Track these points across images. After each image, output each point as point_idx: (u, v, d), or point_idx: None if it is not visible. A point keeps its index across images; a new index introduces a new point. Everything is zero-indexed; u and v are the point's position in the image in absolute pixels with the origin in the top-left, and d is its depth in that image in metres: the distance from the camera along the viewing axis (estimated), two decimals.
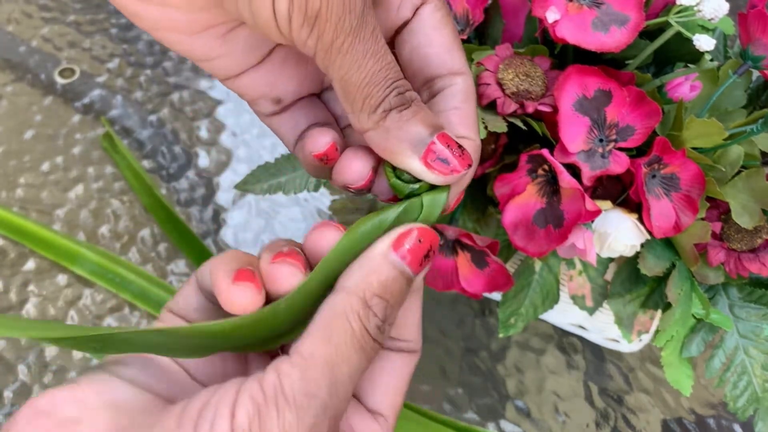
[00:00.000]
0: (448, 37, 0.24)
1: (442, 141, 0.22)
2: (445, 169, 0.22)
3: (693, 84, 0.35)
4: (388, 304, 0.21)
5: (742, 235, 0.34)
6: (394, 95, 0.21)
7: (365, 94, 0.21)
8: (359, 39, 0.20)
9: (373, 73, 0.21)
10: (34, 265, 0.54)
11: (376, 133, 0.22)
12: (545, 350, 0.52)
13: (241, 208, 0.59)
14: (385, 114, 0.21)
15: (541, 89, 0.33)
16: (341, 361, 0.19)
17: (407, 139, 0.22)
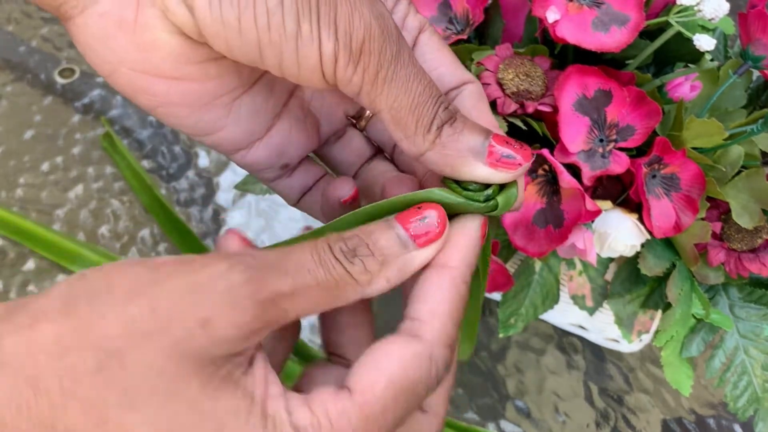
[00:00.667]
0: (450, 54, 0.25)
1: (499, 141, 0.22)
2: (513, 164, 0.22)
3: (693, 84, 0.35)
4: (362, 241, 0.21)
5: (742, 235, 0.34)
6: (443, 110, 0.21)
7: (417, 117, 0.21)
8: (401, 65, 0.20)
9: (419, 94, 0.21)
10: (33, 265, 0.54)
11: (433, 152, 0.22)
12: (545, 350, 0.52)
13: (241, 208, 0.59)
14: (439, 131, 0.21)
15: (541, 89, 0.33)
16: None
17: (467, 149, 0.22)
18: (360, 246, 0.20)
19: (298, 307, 0.19)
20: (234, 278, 0.18)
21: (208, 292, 0.18)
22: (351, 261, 0.20)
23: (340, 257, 0.20)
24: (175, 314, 0.18)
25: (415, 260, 0.21)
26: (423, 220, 0.21)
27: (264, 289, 0.18)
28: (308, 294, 0.19)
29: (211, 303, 0.18)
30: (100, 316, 0.18)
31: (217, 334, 0.18)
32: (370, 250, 0.20)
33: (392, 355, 0.20)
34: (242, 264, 0.19)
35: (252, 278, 0.18)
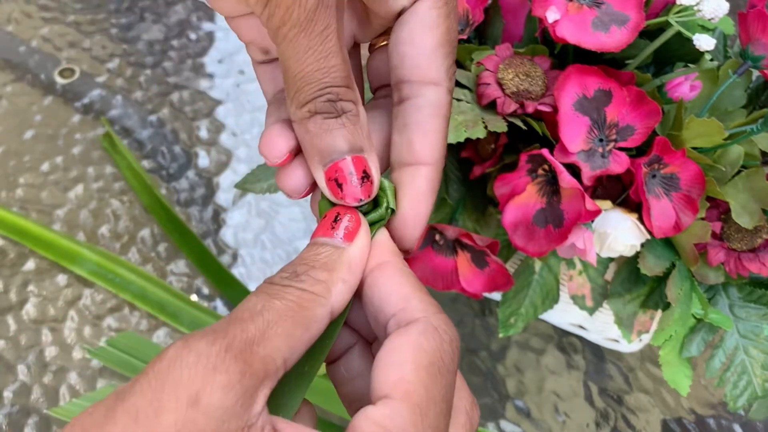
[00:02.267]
0: (434, 40, 0.22)
1: (354, 164, 0.22)
2: (337, 194, 0.22)
3: (693, 84, 0.35)
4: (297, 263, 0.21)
5: (742, 234, 0.34)
6: (324, 100, 0.21)
7: (296, 88, 0.21)
8: (305, 33, 0.20)
9: (309, 72, 0.20)
10: (33, 265, 0.54)
11: (297, 126, 0.22)
12: (545, 350, 0.52)
13: (241, 208, 0.59)
14: (309, 115, 0.21)
15: (541, 89, 0.33)
16: None
17: (320, 148, 0.21)
18: (297, 267, 0.20)
19: (277, 347, 0.18)
20: (198, 347, 0.17)
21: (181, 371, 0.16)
22: (298, 279, 0.20)
23: (286, 282, 0.20)
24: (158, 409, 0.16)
25: (355, 253, 0.21)
26: (335, 221, 0.22)
27: (233, 342, 0.17)
28: (277, 328, 0.18)
29: (188, 378, 0.16)
30: None
31: (212, 405, 0.16)
32: (310, 265, 0.20)
33: (401, 346, 0.19)
34: (196, 334, 0.17)
35: (215, 338, 0.17)
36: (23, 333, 0.51)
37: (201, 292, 0.54)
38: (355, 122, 0.22)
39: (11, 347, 0.50)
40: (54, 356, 0.50)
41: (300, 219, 0.58)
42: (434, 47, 0.22)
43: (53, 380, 0.49)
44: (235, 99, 0.66)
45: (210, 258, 0.55)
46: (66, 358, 0.50)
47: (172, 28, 0.72)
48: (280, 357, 0.18)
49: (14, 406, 0.47)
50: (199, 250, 0.55)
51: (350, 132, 0.22)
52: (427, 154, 0.23)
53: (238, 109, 0.66)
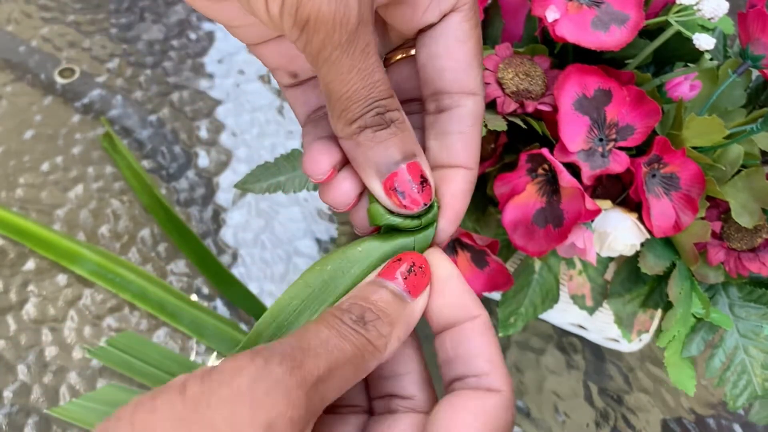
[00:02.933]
0: (469, 52, 0.23)
1: (410, 171, 0.22)
2: (399, 203, 0.22)
3: (693, 83, 0.35)
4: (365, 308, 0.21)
5: (742, 234, 0.34)
6: (372, 115, 0.21)
7: (343, 107, 0.21)
8: (347, 54, 0.20)
9: (355, 90, 0.20)
10: (33, 265, 0.54)
11: (348, 143, 0.22)
12: (545, 350, 0.52)
13: (240, 208, 0.59)
14: (359, 130, 0.21)
15: (541, 88, 0.33)
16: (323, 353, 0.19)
17: (375, 160, 0.22)
18: (366, 312, 0.20)
19: (334, 389, 0.19)
20: (277, 372, 0.17)
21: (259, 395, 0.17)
22: (366, 328, 0.20)
23: (356, 327, 0.20)
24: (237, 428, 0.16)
25: (415, 311, 0.22)
26: (410, 271, 0.22)
27: (308, 376, 0.18)
28: (341, 371, 0.19)
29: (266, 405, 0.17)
30: None
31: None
32: (376, 314, 0.21)
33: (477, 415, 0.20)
34: (275, 355, 0.18)
35: (292, 367, 0.18)
36: (23, 333, 0.51)
37: (201, 292, 0.54)
38: (404, 129, 0.22)
39: (11, 347, 0.50)
40: (54, 356, 0.50)
41: (300, 219, 0.58)
42: (470, 59, 0.23)
43: (53, 380, 0.49)
44: (234, 99, 0.66)
45: (210, 258, 0.55)
46: (66, 358, 0.50)
47: (172, 28, 0.72)
48: (332, 396, 0.19)
49: (14, 406, 0.47)
50: (199, 250, 0.55)
51: (401, 140, 0.22)
52: (469, 159, 0.24)
53: (238, 109, 0.66)
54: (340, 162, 0.23)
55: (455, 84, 0.23)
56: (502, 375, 0.21)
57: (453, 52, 0.23)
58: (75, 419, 0.46)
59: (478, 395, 0.20)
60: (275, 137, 0.64)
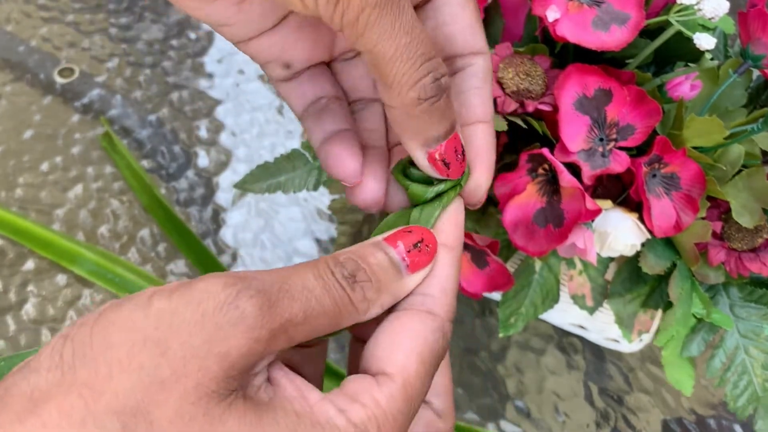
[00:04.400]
0: (471, 15, 0.24)
1: (452, 143, 0.22)
2: (443, 171, 0.23)
3: (693, 83, 0.35)
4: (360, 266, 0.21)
5: (742, 234, 0.34)
6: (431, 81, 0.21)
7: (397, 70, 0.20)
8: (386, 11, 0.19)
9: (404, 46, 0.20)
10: (33, 265, 0.54)
11: (399, 113, 0.21)
12: (545, 350, 0.51)
13: (240, 208, 0.59)
14: (418, 102, 0.21)
15: (542, 88, 0.33)
16: None
17: (425, 133, 0.22)
18: (359, 271, 0.20)
19: (303, 333, 0.19)
20: (245, 306, 0.17)
21: (221, 324, 0.17)
22: (353, 288, 0.20)
23: (344, 283, 0.20)
24: (189, 353, 0.16)
25: (406, 286, 0.22)
26: (417, 246, 0.22)
27: (277, 318, 0.18)
28: (315, 321, 0.19)
29: (225, 336, 0.17)
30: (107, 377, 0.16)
31: (235, 367, 0.17)
32: (368, 276, 0.21)
33: (416, 333, 0.20)
34: (250, 289, 0.18)
35: (263, 305, 0.18)
36: (23, 333, 0.51)
37: None
38: (450, 99, 0.22)
39: (11, 347, 0.50)
40: None
41: (299, 219, 0.58)
42: (473, 22, 0.24)
43: None
44: (234, 99, 0.66)
45: (210, 258, 0.55)
46: None
47: (172, 28, 0.72)
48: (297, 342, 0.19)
49: None
50: (198, 250, 0.55)
51: (448, 110, 0.22)
52: (486, 113, 0.24)
53: (238, 108, 0.65)
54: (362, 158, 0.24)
55: (465, 46, 0.24)
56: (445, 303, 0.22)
57: (458, 17, 0.24)
58: None
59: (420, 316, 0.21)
60: (275, 137, 0.64)
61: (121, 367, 0.16)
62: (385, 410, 0.19)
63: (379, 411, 0.19)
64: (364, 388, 0.19)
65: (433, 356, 0.20)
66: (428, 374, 0.20)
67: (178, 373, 0.16)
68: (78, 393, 0.16)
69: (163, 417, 0.16)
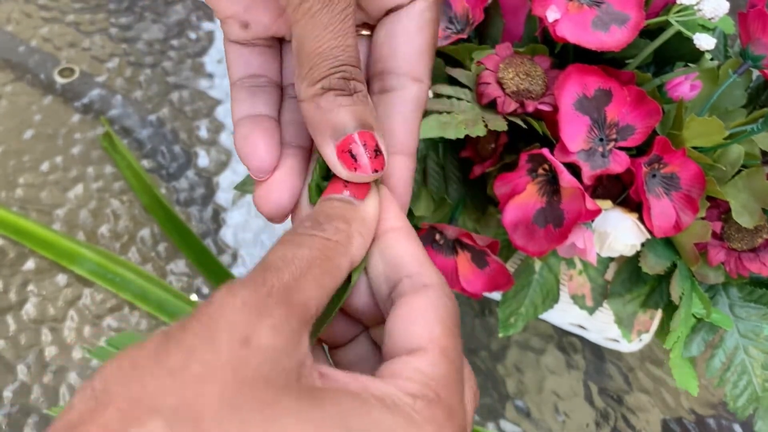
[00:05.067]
0: (425, 41, 0.24)
1: (362, 138, 0.22)
2: (352, 165, 0.22)
3: (693, 83, 0.35)
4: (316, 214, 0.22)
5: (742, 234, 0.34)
6: (338, 77, 0.21)
7: (312, 64, 0.21)
8: (328, 9, 0.20)
9: (326, 49, 0.21)
10: (33, 265, 0.54)
11: (308, 105, 0.22)
12: (545, 350, 0.52)
13: (240, 208, 0.59)
14: (323, 91, 0.21)
15: (542, 88, 0.33)
16: None
17: (333, 123, 0.22)
18: (318, 216, 0.21)
19: (311, 294, 0.19)
20: (240, 293, 0.18)
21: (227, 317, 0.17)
22: (321, 228, 0.21)
23: (311, 231, 0.21)
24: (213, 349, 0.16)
25: (368, 210, 0.22)
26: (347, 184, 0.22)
27: (272, 289, 0.18)
28: (309, 275, 0.19)
29: (237, 322, 0.17)
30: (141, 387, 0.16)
31: (264, 346, 0.17)
32: (330, 216, 0.21)
33: (426, 306, 0.21)
34: (236, 283, 0.18)
35: (255, 285, 0.18)
36: (23, 333, 0.51)
37: (201, 292, 0.54)
38: (365, 103, 0.22)
39: (11, 347, 0.50)
40: (54, 356, 0.50)
41: None
42: (425, 47, 0.24)
43: (53, 380, 0.49)
44: None
45: (210, 258, 0.55)
46: (66, 358, 0.50)
47: (172, 28, 0.72)
48: (314, 304, 0.19)
49: (14, 406, 0.47)
50: (198, 250, 0.55)
51: (362, 110, 0.22)
52: (408, 145, 0.24)
53: None
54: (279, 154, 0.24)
55: (404, 65, 0.24)
56: (431, 270, 0.22)
57: (410, 35, 0.24)
58: None
59: (417, 293, 0.21)
60: None
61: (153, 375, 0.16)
62: (434, 377, 0.19)
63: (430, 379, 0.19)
64: (404, 367, 0.19)
65: (450, 318, 0.21)
66: (455, 335, 0.21)
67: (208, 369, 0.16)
68: (115, 407, 0.16)
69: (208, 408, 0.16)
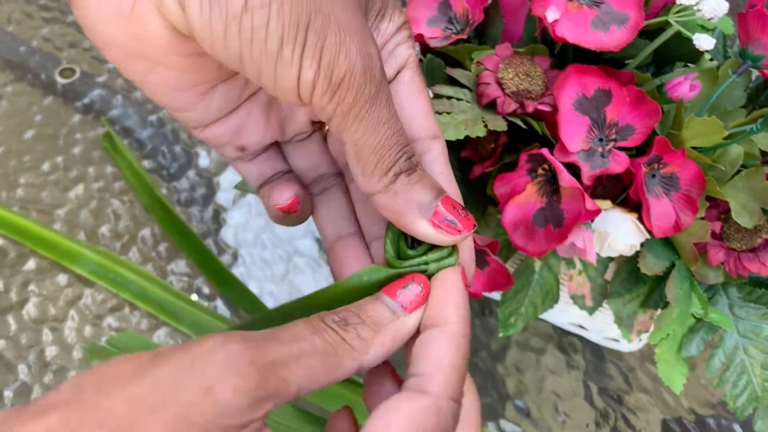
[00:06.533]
0: (426, 102, 0.25)
1: (447, 204, 0.23)
2: (453, 230, 0.23)
3: (692, 83, 0.35)
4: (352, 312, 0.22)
5: (741, 234, 0.35)
6: (404, 159, 0.22)
7: (378, 158, 0.22)
8: (376, 106, 0.21)
9: (386, 138, 0.21)
10: (34, 265, 0.54)
11: (385, 196, 0.22)
12: (545, 350, 0.52)
13: (241, 208, 0.59)
14: (395, 177, 0.22)
15: (541, 88, 0.34)
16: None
17: (416, 202, 0.22)
18: (351, 317, 0.22)
19: (298, 376, 0.20)
20: (231, 347, 0.19)
21: (208, 362, 0.18)
22: (344, 329, 0.21)
23: (334, 326, 0.21)
24: (177, 385, 0.18)
25: (406, 324, 0.22)
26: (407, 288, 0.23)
27: (262, 356, 0.19)
28: (305, 361, 0.20)
29: (211, 371, 0.18)
30: (106, 397, 0.18)
31: (221, 401, 0.18)
32: (362, 319, 0.22)
33: (402, 412, 0.20)
34: (237, 335, 0.19)
35: (249, 347, 0.19)
36: (24, 333, 0.51)
37: (201, 292, 0.54)
38: (425, 170, 0.23)
39: (12, 347, 0.50)
40: (54, 356, 0.50)
41: None
42: (428, 109, 0.25)
43: (53, 380, 0.49)
44: None
45: (210, 258, 0.55)
46: (66, 357, 0.50)
47: None
48: (295, 384, 0.20)
49: (15, 406, 0.47)
50: (199, 250, 0.55)
51: (430, 179, 0.23)
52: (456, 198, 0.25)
53: None
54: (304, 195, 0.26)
55: (422, 129, 0.25)
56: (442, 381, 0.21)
57: (415, 102, 0.25)
58: None
59: (410, 396, 0.20)
60: None
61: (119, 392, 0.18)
62: None
63: None
64: None
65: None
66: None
67: (164, 401, 0.18)
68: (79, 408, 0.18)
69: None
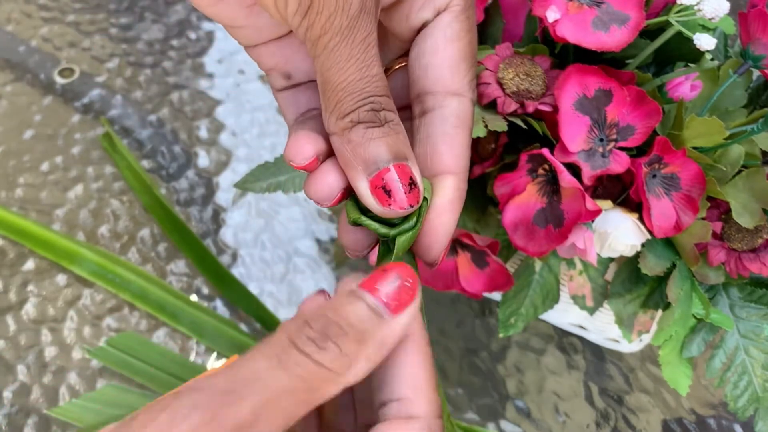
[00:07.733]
0: (457, 52, 0.23)
1: (399, 171, 0.21)
2: (385, 201, 0.21)
3: (693, 83, 0.35)
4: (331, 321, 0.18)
5: (742, 234, 0.34)
6: (366, 109, 0.21)
7: (338, 98, 0.20)
8: (347, 42, 0.20)
9: (351, 81, 0.20)
10: (33, 265, 0.54)
11: (338, 138, 0.21)
12: (545, 350, 0.52)
13: (240, 208, 0.59)
14: (351, 124, 0.21)
15: (542, 88, 0.33)
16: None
17: (364, 157, 0.21)
18: (330, 326, 0.18)
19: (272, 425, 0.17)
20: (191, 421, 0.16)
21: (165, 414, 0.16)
22: (323, 347, 0.18)
23: (307, 348, 0.18)
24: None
25: (394, 331, 0.19)
26: (393, 283, 0.20)
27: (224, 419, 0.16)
28: (276, 408, 0.17)
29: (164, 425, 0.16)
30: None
31: None
32: (343, 329, 0.18)
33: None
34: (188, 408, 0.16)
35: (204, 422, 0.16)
36: (23, 333, 0.51)
37: (201, 292, 0.54)
38: (398, 131, 0.21)
39: (11, 347, 0.50)
40: (54, 356, 0.50)
41: (300, 219, 0.58)
42: (458, 59, 0.23)
43: (53, 380, 0.49)
44: (234, 99, 0.66)
45: (210, 258, 0.55)
46: (66, 358, 0.50)
47: (172, 28, 0.72)
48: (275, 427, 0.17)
49: (14, 406, 0.47)
50: (198, 250, 0.55)
51: (393, 141, 0.21)
52: (453, 164, 0.23)
53: (238, 108, 0.65)
54: (324, 153, 0.22)
55: (440, 83, 0.23)
56: (424, 400, 0.19)
57: (440, 50, 0.23)
58: (75, 419, 0.46)
59: (400, 426, 0.19)
60: (275, 137, 0.64)
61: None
62: None
63: None
64: None
65: None
66: None
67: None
68: None
69: None
